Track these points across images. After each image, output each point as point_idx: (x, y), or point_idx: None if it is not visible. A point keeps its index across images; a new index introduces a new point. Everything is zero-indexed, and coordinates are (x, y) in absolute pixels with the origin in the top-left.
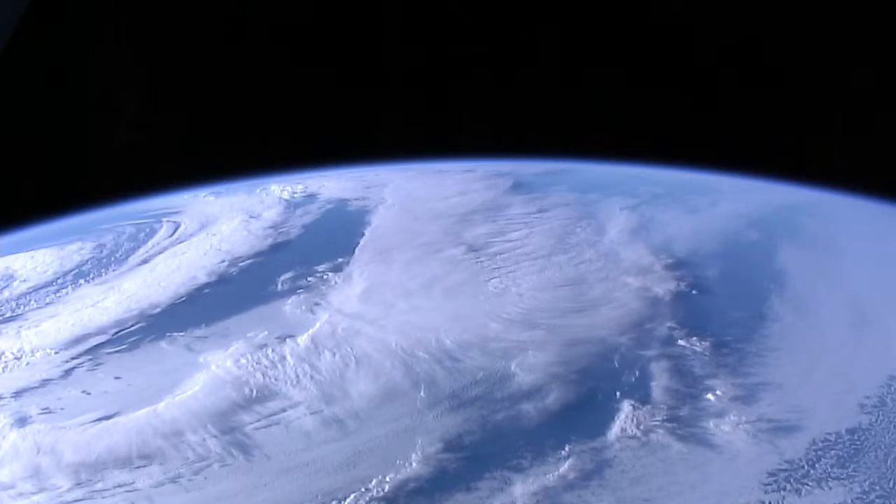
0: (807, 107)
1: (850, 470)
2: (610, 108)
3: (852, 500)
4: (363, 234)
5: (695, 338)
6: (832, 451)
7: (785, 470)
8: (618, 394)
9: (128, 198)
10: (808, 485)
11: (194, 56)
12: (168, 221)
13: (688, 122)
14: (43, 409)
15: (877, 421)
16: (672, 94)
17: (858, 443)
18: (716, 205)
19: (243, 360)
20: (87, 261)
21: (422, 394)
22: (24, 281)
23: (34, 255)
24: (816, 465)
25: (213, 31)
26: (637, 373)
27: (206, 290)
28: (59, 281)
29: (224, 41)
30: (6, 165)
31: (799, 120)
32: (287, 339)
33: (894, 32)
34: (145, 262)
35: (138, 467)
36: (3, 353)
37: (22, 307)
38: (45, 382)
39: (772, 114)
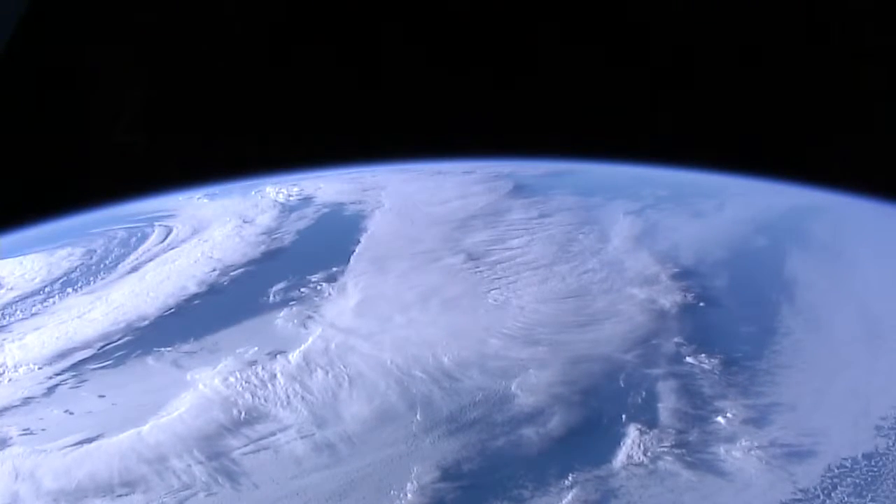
0: (811, 106)
1: (867, 499)
2: (612, 107)
3: None
4: (359, 241)
5: (703, 354)
6: (848, 479)
7: (799, 500)
8: (623, 417)
9: (122, 199)
10: None
11: (191, 56)
12: (160, 226)
13: (691, 122)
14: (24, 430)
15: (894, 445)
16: (675, 94)
17: (876, 469)
18: (722, 208)
19: (232, 379)
20: (75, 268)
21: (418, 417)
22: (11, 289)
23: (23, 261)
24: (832, 495)
25: (210, 31)
26: (643, 393)
27: (196, 302)
28: (46, 290)
29: (222, 41)
30: (2, 166)
31: (803, 120)
32: (278, 356)
33: (895, 32)
34: (135, 269)
35: (120, 496)
36: None
37: (7, 318)
38: (27, 400)
39: (775, 113)
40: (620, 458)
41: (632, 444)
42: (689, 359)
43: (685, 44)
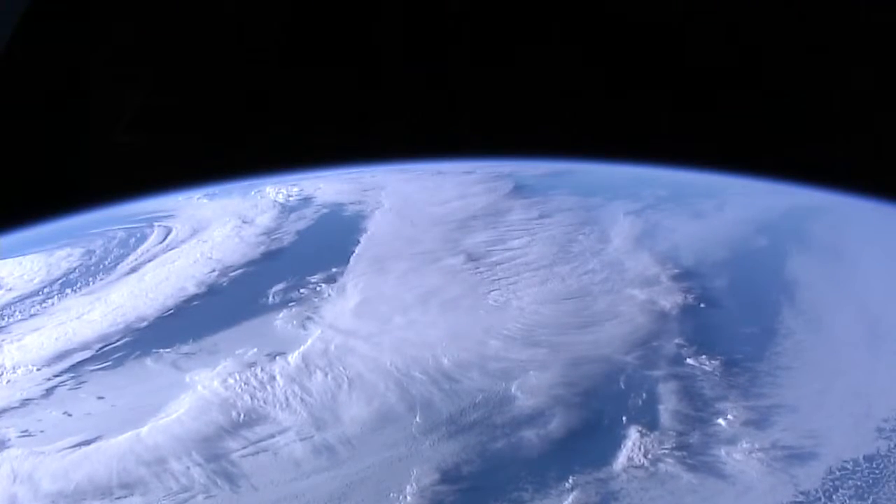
0: (811, 106)
1: (868, 502)
2: (612, 107)
3: None
4: (359, 242)
5: (704, 356)
6: (850, 481)
7: (801, 502)
8: (624, 419)
9: (122, 199)
10: None
11: (191, 56)
12: (159, 226)
13: (691, 122)
14: (22, 432)
15: None
16: (675, 94)
17: (877, 471)
18: (722, 208)
19: (231, 381)
20: (74, 268)
21: (417, 419)
22: (10, 290)
23: (22, 262)
24: (834, 497)
25: (210, 31)
26: (644, 395)
27: (195, 303)
28: (45, 290)
29: (222, 41)
30: (1, 166)
31: (803, 120)
32: (277, 357)
33: (895, 32)
34: (134, 270)
35: (119, 498)
36: None
37: (6, 319)
38: (25, 402)
39: (775, 113)
40: (621, 460)
41: (632, 446)
42: (689, 360)
43: (685, 44)
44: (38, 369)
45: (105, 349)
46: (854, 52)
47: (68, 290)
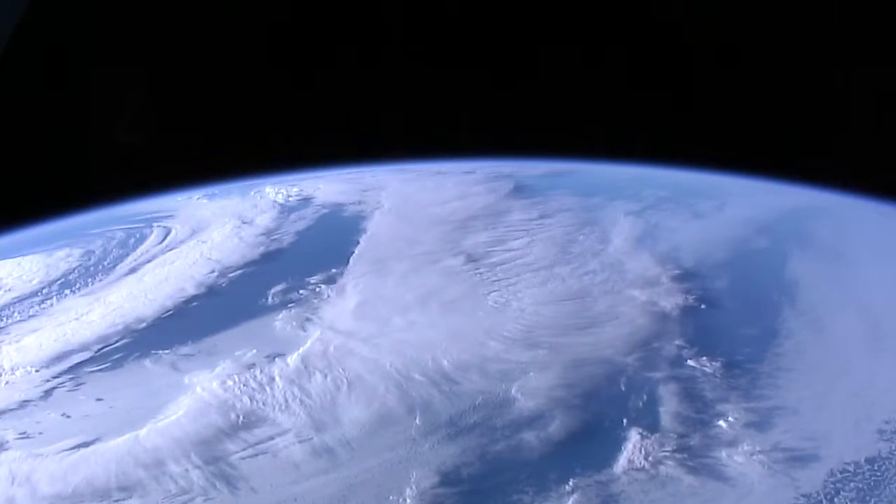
0: (811, 106)
1: None
2: (613, 107)
3: None
4: (358, 243)
5: (705, 357)
6: (851, 484)
7: None
8: (625, 421)
9: (122, 199)
10: None
11: (191, 57)
12: (159, 226)
13: (691, 122)
14: (20, 434)
15: None
16: (675, 94)
17: (879, 473)
18: (723, 209)
19: (230, 382)
20: (73, 269)
21: (417, 421)
22: (9, 290)
23: (21, 262)
24: (835, 500)
25: (211, 31)
26: (645, 397)
27: (195, 304)
28: (44, 291)
29: (222, 41)
30: (1, 166)
31: (803, 120)
32: (276, 359)
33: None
34: (133, 270)
35: (117, 501)
36: None
37: (4, 320)
38: (24, 404)
39: (775, 114)
40: (622, 462)
41: (633, 448)
42: (690, 362)
43: (685, 44)
44: (36, 370)
45: (104, 350)
46: (854, 53)
47: (67, 291)
